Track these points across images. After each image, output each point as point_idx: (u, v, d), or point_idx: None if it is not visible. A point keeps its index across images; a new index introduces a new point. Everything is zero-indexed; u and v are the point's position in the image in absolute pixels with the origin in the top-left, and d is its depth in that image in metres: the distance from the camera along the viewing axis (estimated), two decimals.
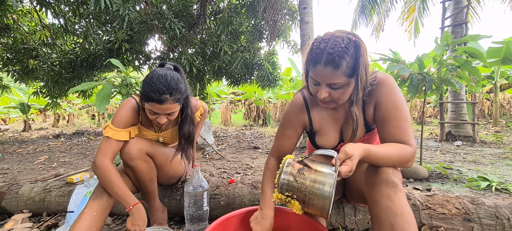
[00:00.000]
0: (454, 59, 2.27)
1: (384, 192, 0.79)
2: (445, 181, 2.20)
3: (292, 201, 0.86)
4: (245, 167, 2.82)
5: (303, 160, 0.86)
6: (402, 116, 0.88)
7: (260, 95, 9.87)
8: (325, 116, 1.04)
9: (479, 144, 4.19)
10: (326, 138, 1.05)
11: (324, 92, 0.85)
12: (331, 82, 0.83)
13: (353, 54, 0.80)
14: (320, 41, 0.81)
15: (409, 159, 0.84)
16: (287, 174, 0.85)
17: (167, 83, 1.07)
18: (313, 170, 0.82)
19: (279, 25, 4.63)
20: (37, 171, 2.86)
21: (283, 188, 0.86)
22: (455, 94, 4.58)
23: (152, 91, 1.05)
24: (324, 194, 0.78)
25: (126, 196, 1.10)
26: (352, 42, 0.80)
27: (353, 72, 0.82)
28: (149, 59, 5.63)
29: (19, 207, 1.60)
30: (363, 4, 6.90)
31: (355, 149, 0.78)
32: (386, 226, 0.75)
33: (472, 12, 5.87)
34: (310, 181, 0.81)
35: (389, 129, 0.89)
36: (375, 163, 0.84)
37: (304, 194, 0.82)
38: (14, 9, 4.80)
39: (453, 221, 1.12)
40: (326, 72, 0.81)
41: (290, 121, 1.07)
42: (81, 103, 11.70)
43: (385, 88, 0.91)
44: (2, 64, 5.49)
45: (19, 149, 4.60)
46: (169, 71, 1.11)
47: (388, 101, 0.90)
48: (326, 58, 0.79)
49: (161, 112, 1.11)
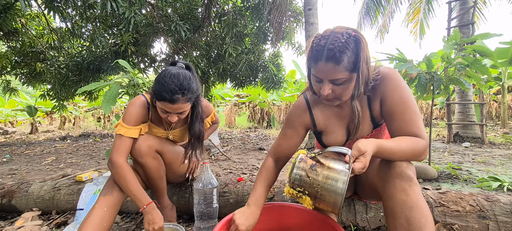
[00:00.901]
0: (463, 58, 2.24)
1: (398, 186, 0.77)
2: (455, 181, 2.17)
3: (303, 196, 0.86)
4: (251, 168, 2.81)
5: (315, 156, 0.86)
6: (410, 108, 0.87)
7: (265, 98, 9.87)
8: (330, 115, 1.04)
9: (488, 145, 4.12)
10: (333, 137, 1.04)
11: (327, 88, 0.84)
12: (333, 78, 0.82)
13: (353, 49, 0.79)
14: (320, 38, 0.81)
15: (422, 152, 0.83)
16: (299, 169, 0.85)
17: (180, 83, 1.07)
18: (326, 166, 0.82)
19: (283, 27, 4.64)
20: (44, 172, 2.88)
21: (295, 183, 0.86)
22: (462, 95, 4.53)
23: (164, 91, 1.05)
24: (337, 191, 0.78)
25: (140, 195, 1.10)
26: (352, 37, 0.80)
27: (355, 67, 0.81)
28: (154, 62, 5.67)
29: (29, 205, 1.61)
30: (367, 5, 6.88)
31: (367, 145, 0.77)
32: (401, 220, 0.74)
33: (478, 13, 5.82)
34: (322, 177, 0.81)
35: (398, 123, 0.87)
36: (388, 158, 0.82)
37: (316, 190, 0.82)
38: (22, 13, 4.88)
39: (467, 218, 1.10)
40: (327, 68, 0.80)
41: (292, 121, 1.07)
42: (87, 106, 11.81)
43: (390, 82, 0.90)
44: (10, 68, 5.58)
45: (26, 151, 4.65)
46: (181, 71, 1.11)
47: (394, 96, 0.88)
48: (327, 54, 0.79)
49: (173, 112, 1.11)
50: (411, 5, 7.16)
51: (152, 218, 1.08)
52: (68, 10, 4.49)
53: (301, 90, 7.70)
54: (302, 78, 9.48)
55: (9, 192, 1.64)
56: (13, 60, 5.45)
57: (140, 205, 1.09)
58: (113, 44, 4.79)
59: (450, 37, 2.28)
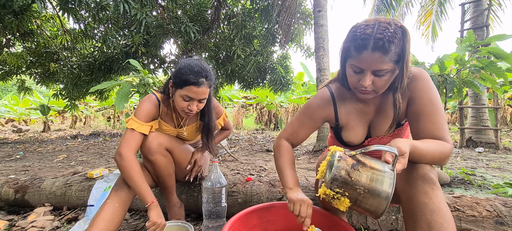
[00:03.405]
0: (478, 60, 2.18)
1: (420, 188, 0.75)
2: (469, 187, 2.10)
3: (341, 198, 0.77)
4: (259, 169, 2.80)
5: (356, 155, 0.79)
6: (438, 111, 0.85)
7: (272, 100, 9.86)
8: (353, 111, 1.01)
9: (503, 150, 3.99)
10: (354, 133, 1.01)
11: (368, 79, 0.81)
12: (377, 68, 0.79)
13: (401, 39, 0.77)
14: (365, 26, 0.78)
15: (448, 156, 0.82)
16: (340, 169, 0.76)
17: (203, 67, 1.13)
18: (369, 166, 0.75)
19: (292, 29, 4.63)
20: (56, 169, 2.94)
21: (334, 183, 0.76)
22: (475, 99, 4.41)
23: (191, 73, 1.10)
24: (382, 194, 0.71)
25: (145, 191, 1.10)
26: (399, 27, 0.78)
27: (400, 59, 0.79)
28: (164, 63, 5.75)
29: (41, 201, 1.64)
30: (378, 7, 6.80)
31: (406, 145, 0.74)
32: (422, 223, 0.72)
33: (493, 15, 5.66)
34: (366, 179, 0.73)
35: (425, 125, 0.85)
36: (417, 160, 0.79)
37: (358, 192, 0.74)
38: (38, 15, 5.03)
39: (484, 224, 1.06)
40: (373, 58, 0.77)
41: (313, 112, 1.03)
42: (98, 105, 12.04)
43: (420, 82, 0.88)
44: (25, 67, 5.75)
45: (39, 148, 4.76)
46: (201, 60, 1.18)
47: (423, 96, 0.87)
48: (375, 44, 0.76)
49: (196, 97, 1.13)
50: (423, 7, 7.04)
51: (156, 215, 1.08)
52: (82, 11, 4.60)
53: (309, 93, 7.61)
54: (310, 80, 9.43)
55: (23, 187, 1.68)
56: (28, 60, 5.62)
57: (144, 201, 1.09)
58: (124, 45, 4.88)
59: (464, 39, 2.23)
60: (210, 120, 1.32)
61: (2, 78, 5.84)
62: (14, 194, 1.66)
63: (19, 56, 5.38)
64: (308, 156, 3.64)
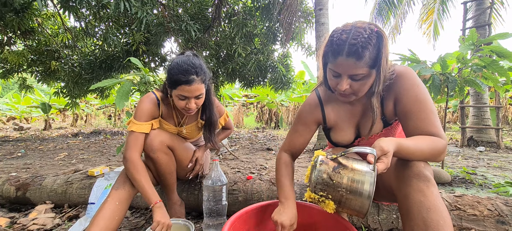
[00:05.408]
0: (480, 58, 2.17)
1: (415, 186, 0.75)
2: (470, 186, 2.10)
3: (326, 201, 0.81)
4: (259, 167, 2.80)
5: (337, 158, 0.81)
6: (427, 107, 0.84)
7: (273, 98, 9.85)
8: (341, 112, 1.02)
9: (504, 150, 3.98)
10: (343, 133, 1.03)
11: (345, 83, 0.83)
12: (352, 73, 0.81)
13: (375, 45, 0.78)
14: (341, 32, 0.80)
15: (441, 151, 0.80)
16: (321, 173, 0.80)
17: (192, 64, 1.11)
18: (350, 168, 0.78)
19: (293, 27, 4.61)
20: (57, 167, 2.95)
21: (317, 187, 0.80)
22: (477, 98, 4.39)
23: (179, 73, 1.08)
24: (364, 194, 0.74)
25: (151, 192, 1.11)
26: (375, 32, 0.78)
27: (375, 63, 0.80)
28: (164, 61, 5.74)
29: (42, 198, 1.65)
30: (379, 6, 6.77)
31: (390, 144, 0.74)
32: (418, 221, 0.71)
33: (495, 14, 5.63)
34: (347, 180, 0.77)
35: (414, 122, 0.85)
36: (406, 158, 0.80)
37: (340, 194, 0.77)
38: (39, 13, 5.03)
39: (485, 223, 1.06)
40: (348, 63, 0.79)
41: (304, 118, 1.06)
42: (98, 104, 12.06)
43: (405, 81, 0.88)
44: (26, 66, 5.75)
45: (40, 146, 4.77)
46: (191, 56, 1.16)
47: (409, 95, 0.86)
48: (349, 49, 0.77)
49: (191, 95, 1.12)
50: (425, 5, 7.00)
51: (162, 215, 1.08)
52: (83, 10, 4.60)
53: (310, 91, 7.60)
54: (311, 79, 9.41)
55: (24, 184, 1.69)
56: (29, 58, 5.62)
57: (149, 202, 1.10)
58: (125, 44, 4.88)
59: (466, 37, 2.21)
60: (212, 113, 1.32)
61: (3, 76, 5.84)
62: (15, 191, 1.67)
63: (20, 54, 5.38)
64: (308, 155, 3.63)
